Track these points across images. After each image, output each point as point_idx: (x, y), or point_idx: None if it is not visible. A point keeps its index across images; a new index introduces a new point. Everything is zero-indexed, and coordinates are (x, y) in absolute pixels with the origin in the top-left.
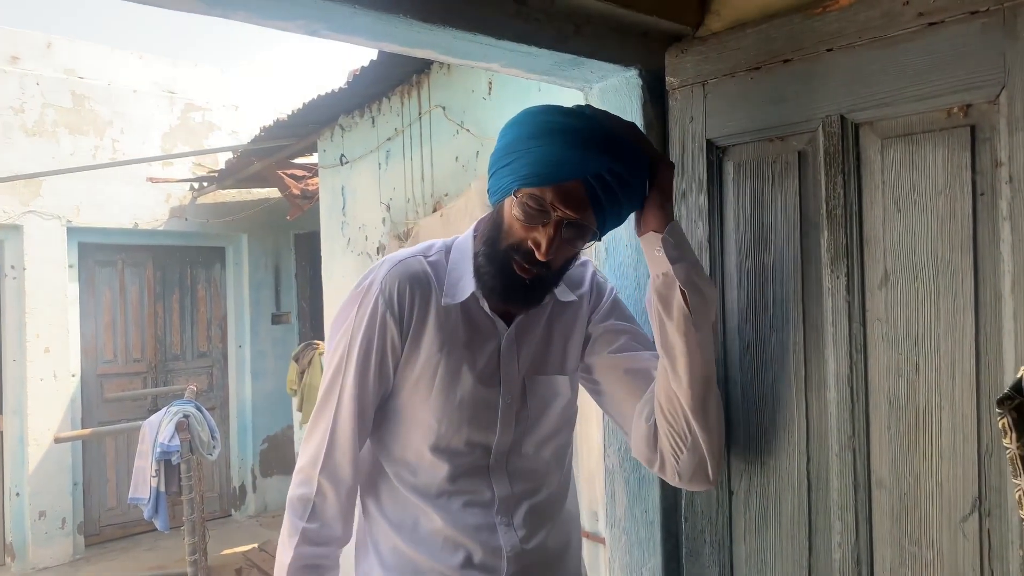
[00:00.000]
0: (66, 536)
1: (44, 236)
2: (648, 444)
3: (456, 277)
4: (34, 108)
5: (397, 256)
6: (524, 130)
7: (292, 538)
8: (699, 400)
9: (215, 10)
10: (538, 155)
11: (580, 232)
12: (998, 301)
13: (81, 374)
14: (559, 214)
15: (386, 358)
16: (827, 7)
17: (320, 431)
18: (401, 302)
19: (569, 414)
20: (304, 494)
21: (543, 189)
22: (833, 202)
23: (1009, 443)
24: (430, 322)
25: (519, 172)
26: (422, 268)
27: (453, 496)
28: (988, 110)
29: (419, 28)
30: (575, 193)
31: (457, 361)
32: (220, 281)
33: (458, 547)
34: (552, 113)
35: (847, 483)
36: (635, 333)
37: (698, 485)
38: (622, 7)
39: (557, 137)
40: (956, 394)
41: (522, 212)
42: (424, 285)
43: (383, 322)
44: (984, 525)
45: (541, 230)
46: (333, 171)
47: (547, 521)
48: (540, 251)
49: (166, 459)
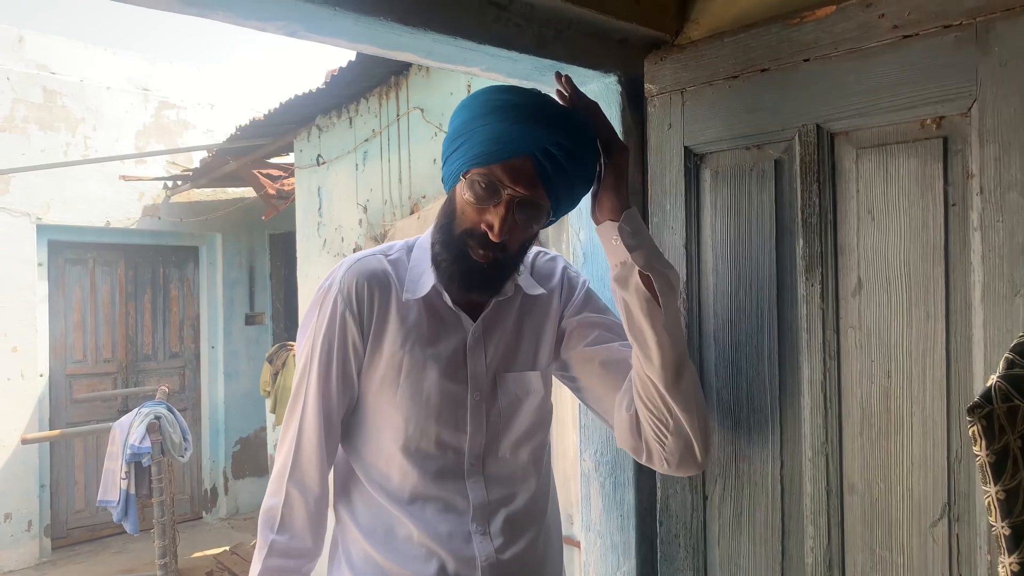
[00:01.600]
0: (32, 539)
1: (13, 233)
2: (632, 433)
3: (417, 273)
4: (4, 103)
5: (356, 256)
6: (470, 112)
7: (261, 551)
8: (674, 381)
9: (193, 9)
10: (484, 134)
11: (533, 211)
12: (968, 310)
13: (49, 374)
14: (509, 192)
15: (348, 359)
16: (804, 18)
17: (288, 440)
18: (360, 300)
19: (544, 412)
20: (273, 504)
21: (491, 168)
22: (808, 210)
23: (979, 451)
24: (391, 319)
25: (467, 154)
26: (381, 266)
27: (427, 502)
28: (960, 122)
29: (399, 31)
30: (524, 169)
31: (421, 357)
32: (193, 281)
33: (431, 555)
34: (496, 92)
35: (820, 488)
36: (609, 324)
37: (687, 469)
38: (602, 14)
39: (501, 114)
40: (927, 401)
41: (472, 193)
42: (383, 282)
43: (343, 322)
44: (953, 530)
45: (493, 210)
46: (309, 172)
47: (525, 530)
48: (493, 232)
49: (136, 461)
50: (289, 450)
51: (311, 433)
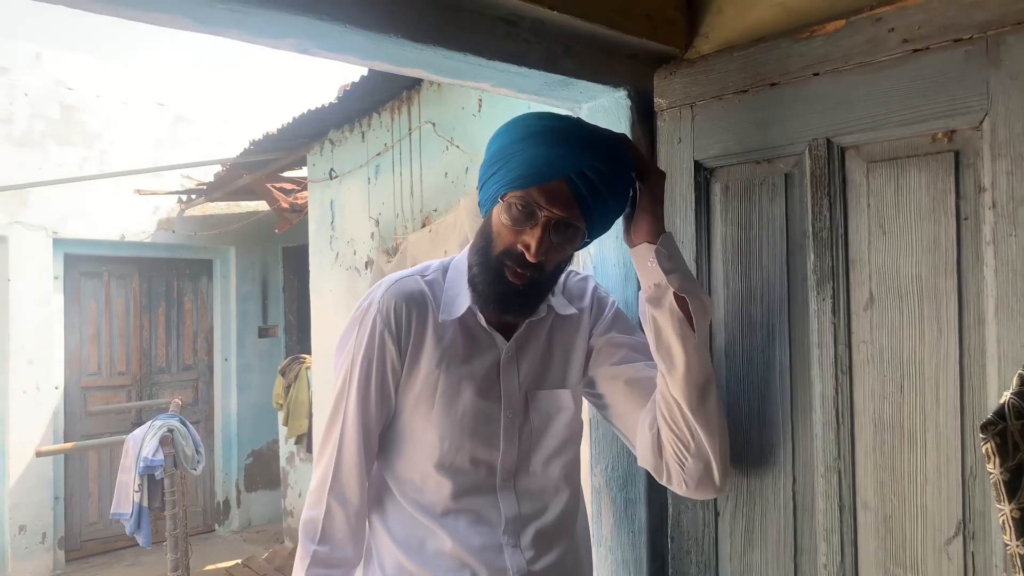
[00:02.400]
0: (46, 551)
1: (29, 247)
2: (654, 452)
3: (453, 294)
4: (22, 118)
5: (394, 276)
6: (508, 137)
7: (304, 560)
8: (699, 403)
9: (209, 28)
10: (521, 158)
11: (569, 232)
12: (981, 325)
13: (64, 386)
14: (546, 214)
15: (386, 377)
16: (814, 32)
17: (328, 453)
18: (399, 320)
19: (574, 428)
20: (314, 516)
21: (528, 191)
22: (819, 224)
23: (993, 468)
24: (428, 339)
25: (505, 178)
26: (418, 287)
27: (459, 515)
28: (972, 136)
29: (409, 48)
30: (560, 192)
31: (456, 377)
32: (207, 294)
33: (463, 567)
34: (534, 117)
35: (832, 504)
36: (636, 345)
37: (705, 492)
38: (611, 29)
39: (538, 138)
40: (940, 417)
41: (509, 216)
42: (420, 303)
43: (382, 341)
44: (968, 548)
45: (529, 232)
46: (322, 185)
47: (556, 543)
48: (530, 252)
49: (150, 473)
50: (329, 463)
51: (351, 447)
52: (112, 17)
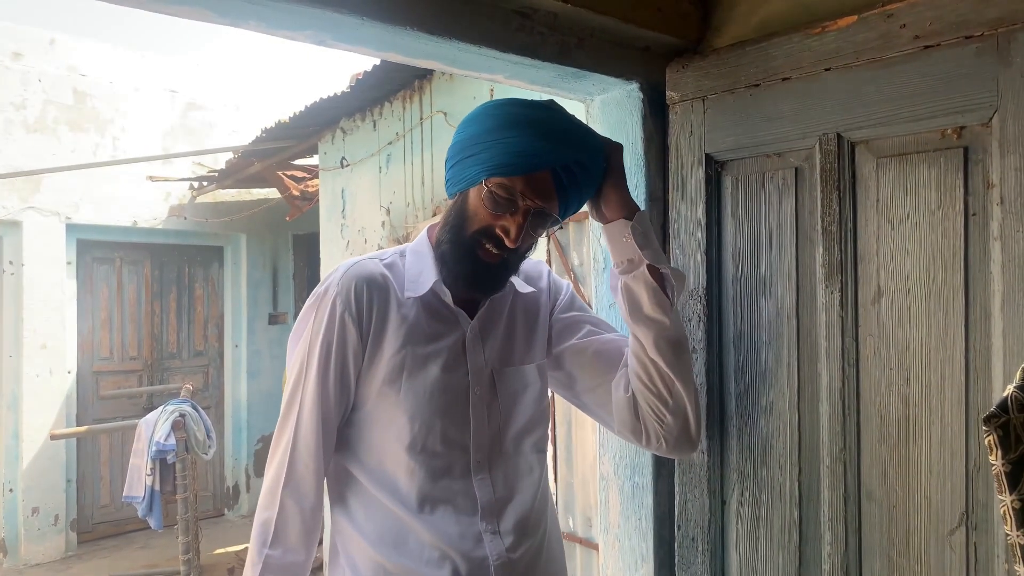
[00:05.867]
0: (59, 533)
1: (43, 233)
2: (631, 412)
3: (416, 272)
4: (35, 104)
5: (351, 260)
6: (490, 122)
7: (255, 567)
8: (675, 359)
9: (226, 20)
10: (507, 146)
11: (545, 220)
12: (987, 319)
13: (77, 371)
14: (528, 203)
15: (347, 363)
16: (826, 27)
17: (282, 448)
18: (359, 302)
19: (542, 407)
20: (267, 518)
21: (513, 179)
22: (828, 218)
23: (995, 460)
24: (391, 320)
25: (488, 163)
26: (378, 269)
27: (436, 505)
28: (981, 132)
29: (424, 40)
30: (544, 183)
31: (422, 356)
32: (218, 280)
33: (444, 558)
34: (517, 105)
35: (838, 495)
36: (597, 321)
37: (683, 449)
38: (624, 22)
39: (526, 129)
40: (945, 410)
41: (492, 201)
42: (381, 285)
43: (342, 324)
44: (971, 539)
45: (510, 218)
46: (333, 174)
47: (533, 527)
48: (510, 238)
49: (162, 458)
50: (283, 459)
51: (308, 440)
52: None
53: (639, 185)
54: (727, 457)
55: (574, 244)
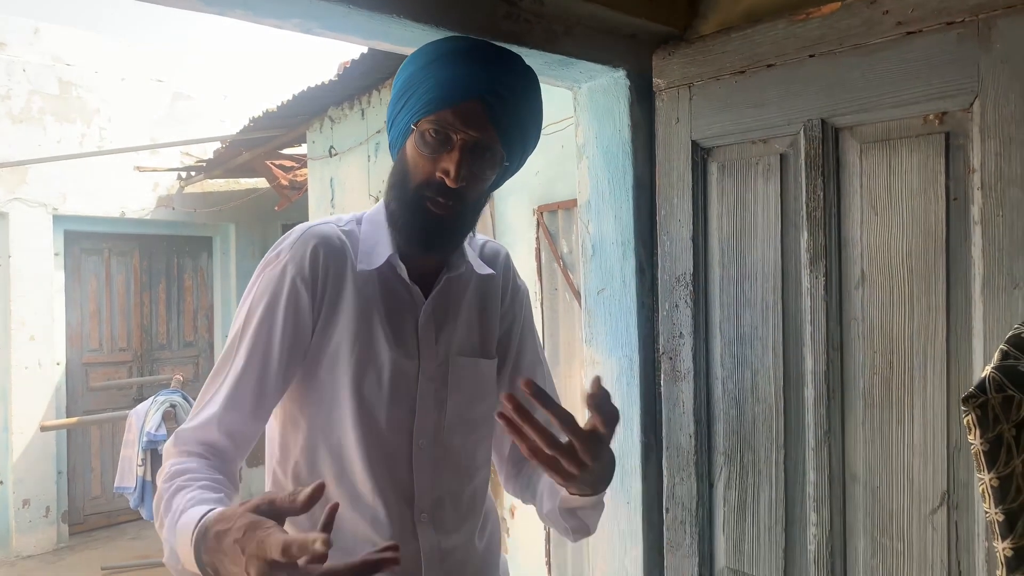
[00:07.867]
0: (50, 524)
1: (30, 224)
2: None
3: (371, 243)
4: (20, 95)
5: (308, 223)
6: (414, 65)
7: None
8: None
9: (213, 8)
10: (431, 82)
11: (488, 156)
12: (969, 302)
13: (66, 362)
14: (462, 136)
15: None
16: (810, 14)
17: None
18: (314, 267)
19: (493, 402)
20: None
21: (441, 114)
22: (813, 204)
23: (974, 439)
24: (347, 289)
25: (415, 105)
26: (335, 233)
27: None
28: (962, 118)
29: (412, 27)
30: (474, 112)
31: (375, 332)
32: (207, 271)
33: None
34: (440, 41)
35: (823, 476)
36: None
37: None
38: (611, 9)
39: (445, 60)
40: (928, 392)
41: (424, 143)
42: (339, 251)
43: (292, 289)
44: (952, 517)
45: (447, 157)
46: (322, 163)
47: (469, 519)
48: (450, 177)
49: (153, 448)
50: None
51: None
52: None
53: (626, 172)
54: (714, 441)
55: (563, 231)
